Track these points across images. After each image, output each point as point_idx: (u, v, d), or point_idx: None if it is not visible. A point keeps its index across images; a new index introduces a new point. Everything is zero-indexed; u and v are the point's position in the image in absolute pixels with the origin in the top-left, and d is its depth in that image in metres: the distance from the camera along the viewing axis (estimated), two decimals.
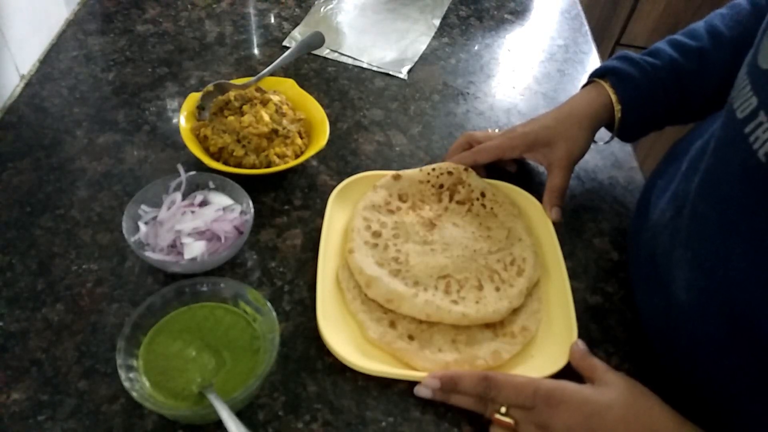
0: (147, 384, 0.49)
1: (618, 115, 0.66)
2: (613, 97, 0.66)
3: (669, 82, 0.64)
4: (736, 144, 0.45)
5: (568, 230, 0.70)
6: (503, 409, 0.49)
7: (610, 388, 0.47)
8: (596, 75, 0.69)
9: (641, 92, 0.64)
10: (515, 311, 0.59)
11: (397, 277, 0.59)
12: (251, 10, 0.99)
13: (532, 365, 0.55)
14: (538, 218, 0.68)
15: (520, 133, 0.68)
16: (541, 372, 0.53)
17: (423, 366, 0.54)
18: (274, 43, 0.93)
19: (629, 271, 0.66)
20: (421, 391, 0.52)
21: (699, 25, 0.65)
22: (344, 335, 0.56)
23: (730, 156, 0.47)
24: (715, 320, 0.47)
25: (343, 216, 0.67)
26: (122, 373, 0.48)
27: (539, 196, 0.69)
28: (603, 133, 0.71)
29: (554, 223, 0.66)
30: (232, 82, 0.78)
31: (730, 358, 0.47)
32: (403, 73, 0.90)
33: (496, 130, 0.74)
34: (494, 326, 0.58)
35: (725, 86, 0.56)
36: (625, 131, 0.69)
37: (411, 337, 0.56)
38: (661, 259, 0.56)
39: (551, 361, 0.55)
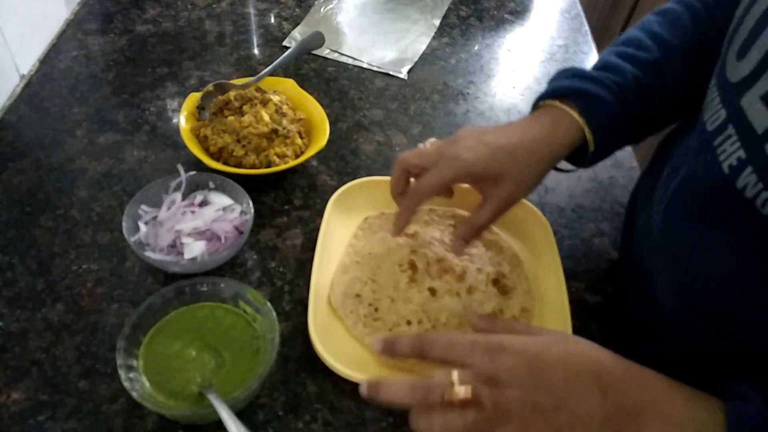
0: (147, 384, 0.49)
1: (591, 147, 0.55)
2: (585, 126, 0.54)
3: (636, 101, 0.56)
4: (705, 155, 0.45)
5: (568, 230, 0.70)
6: (455, 377, 0.41)
7: (545, 335, 0.46)
8: (554, 96, 0.56)
9: (613, 117, 0.55)
10: (509, 295, 0.60)
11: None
12: (251, 10, 0.99)
13: None
14: (536, 228, 0.67)
15: (465, 163, 0.54)
16: None
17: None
18: (274, 43, 0.93)
19: (621, 275, 0.65)
20: (363, 389, 0.45)
21: (639, 34, 0.59)
22: (342, 352, 0.55)
23: (699, 167, 0.47)
24: (700, 325, 0.48)
25: (341, 223, 0.67)
26: (122, 373, 0.48)
27: (535, 202, 0.69)
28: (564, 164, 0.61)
29: (552, 226, 0.66)
30: (232, 82, 0.78)
31: (718, 361, 0.47)
32: (403, 73, 0.90)
33: (430, 142, 0.64)
34: (495, 315, 0.59)
35: (681, 98, 0.56)
36: (592, 160, 0.59)
37: None
38: (647, 264, 0.56)
39: None
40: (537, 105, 0.58)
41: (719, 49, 0.52)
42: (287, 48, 0.90)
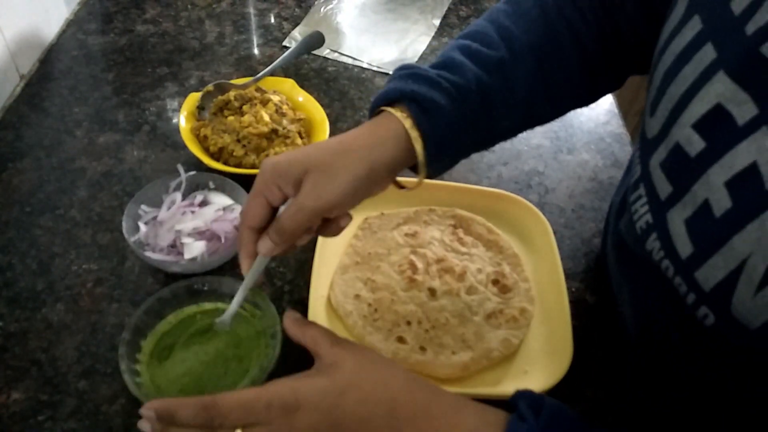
0: (153, 387, 0.49)
1: (420, 156, 0.47)
2: (413, 132, 0.46)
3: (477, 104, 0.49)
4: (628, 210, 0.46)
5: (568, 230, 0.70)
6: None
7: (339, 370, 0.42)
8: (387, 99, 0.49)
9: (450, 123, 0.48)
10: (509, 295, 0.60)
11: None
12: (251, 10, 0.99)
13: (526, 381, 0.55)
14: (536, 228, 0.67)
15: (271, 164, 0.46)
16: (536, 388, 0.51)
17: (444, 373, 0.54)
18: (274, 43, 0.93)
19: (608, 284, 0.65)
20: (143, 427, 0.41)
21: (486, 26, 0.52)
22: None
23: (627, 219, 0.47)
24: (663, 354, 0.48)
25: None
26: (127, 378, 0.48)
27: (535, 202, 0.69)
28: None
29: (552, 226, 0.66)
30: (232, 82, 0.78)
31: (694, 382, 0.48)
32: None
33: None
34: (495, 314, 0.58)
35: (528, 101, 0.51)
36: (435, 168, 0.50)
37: (423, 348, 0.56)
38: (615, 288, 0.57)
39: (545, 375, 0.54)
40: (374, 110, 0.50)
41: (568, 49, 0.51)
42: (287, 48, 0.90)
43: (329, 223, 0.48)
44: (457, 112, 0.48)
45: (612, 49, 0.53)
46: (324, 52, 0.92)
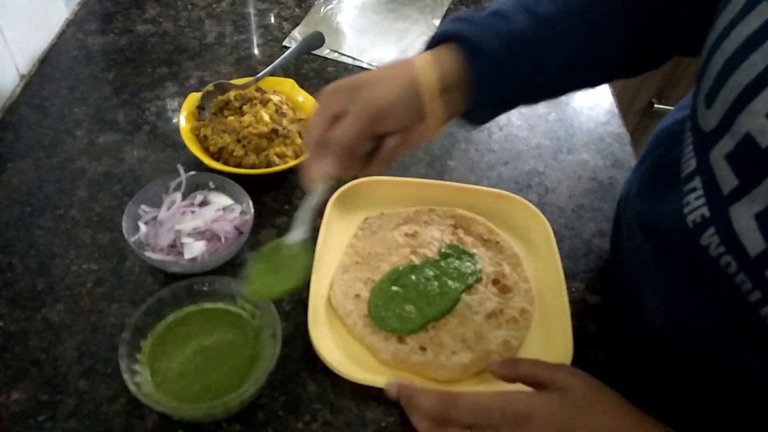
0: (153, 387, 0.49)
1: (473, 92, 0.49)
2: (463, 71, 0.49)
3: (527, 53, 0.50)
4: (673, 202, 0.45)
5: (568, 230, 0.70)
6: None
7: (569, 393, 0.44)
8: (438, 40, 0.51)
9: (499, 65, 0.49)
10: (509, 295, 0.60)
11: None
12: (251, 10, 0.99)
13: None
14: (536, 228, 0.67)
15: (331, 85, 0.51)
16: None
17: (444, 375, 0.54)
18: (274, 43, 0.93)
19: (612, 282, 0.65)
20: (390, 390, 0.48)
21: None
22: (342, 352, 0.56)
23: (667, 213, 0.46)
24: (689, 349, 0.47)
25: (341, 223, 0.66)
26: (127, 377, 0.48)
27: (535, 202, 0.69)
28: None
29: (552, 226, 0.66)
30: (232, 82, 0.78)
31: (705, 381, 0.47)
32: None
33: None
34: (495, 314, 0.58)
35: (574, 59, 0.51)
36: (480, 113, 0.53)
37: (423, 348, 0.56)
38: (635, 280, 0.55)
39: None
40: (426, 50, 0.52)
41: (619, 13, 0.50)
42: (287, 48, 0.90)
43: (379, 148, 0.52)
44: (507, 56, 0.49)
45: (663, 19, 0.51)
46: (324, 52, 0.92)
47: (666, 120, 0.61)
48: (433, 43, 0.51)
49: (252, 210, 0.62)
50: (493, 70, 0.49)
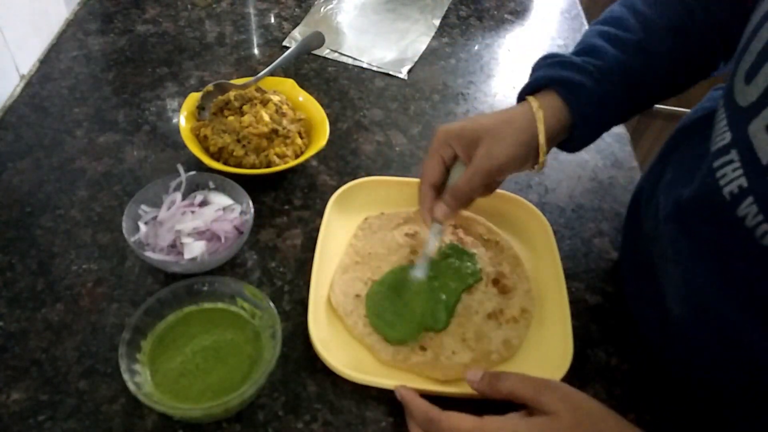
0: (154, 387, 0.49)
1: (575, 128, 0.55)
2: (567, 117, 0.54)
3: (619, 85, 0.55)
4: (705, 176, 0.45)
5: (568, 230, 0.70)
6: None
7: (554, 420, 0.44)
8: (535, 86, 0.56)
9: (596, 102, 0.54)
10: (509, 295, 0.60)
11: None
12: (251, 10, 0.99)
13: None
14: (536, 228, 0.67)
15: (448, 128, 0.56)
16: None
17: (444, 375, 0.54)
18: (274, 43, 0.93)
19: (623, 276, 0.65)
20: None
21: (621, 11, 0.58)
22: (342, 352, 0.56)
23: (699, 186, 0.46)
24: (708, 335, 0.47)
25: (341, 223, 0.66)
26: (127, 377, 0.47)
27: (535, 202, 0.69)
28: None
29: (552, 226, 0.66)
30: (232, 82, 0.78)
31: (723, 370, 0.47)
32: (403, 73, 0.90)
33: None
34: (495, 314, 0.58)
35: (669, 78, 0.57)
36: (579, 143, 0.58)
37: (423, 348, 0.56)
38: (654, 270, 0.55)
39: (545, 375, 0.53)
40: (521, 99, 0.58)
41: (704, 25, 0.53)
42: (287, 48, 0.90)
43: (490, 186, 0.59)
44: (602, 92, 0.54)
45: (724, 24, 0.54)
46: (324, 52, 0.92)
47: (688, 117, 0.64)
48: (533, 88, 0.56)
49: (252, 210, 0.62)
50: (594, 110, 0.55)
